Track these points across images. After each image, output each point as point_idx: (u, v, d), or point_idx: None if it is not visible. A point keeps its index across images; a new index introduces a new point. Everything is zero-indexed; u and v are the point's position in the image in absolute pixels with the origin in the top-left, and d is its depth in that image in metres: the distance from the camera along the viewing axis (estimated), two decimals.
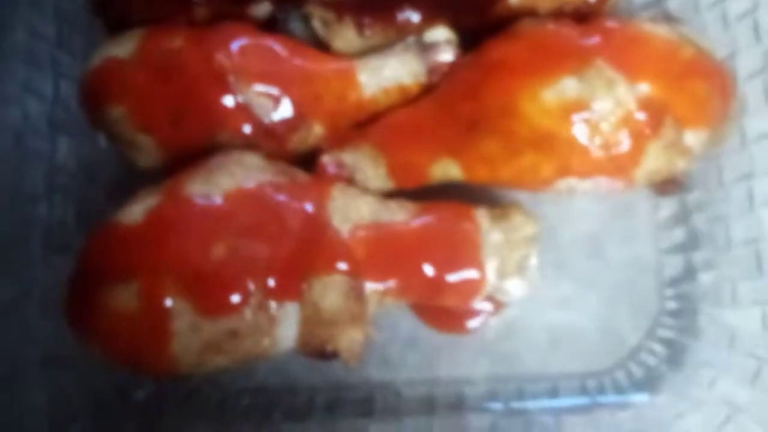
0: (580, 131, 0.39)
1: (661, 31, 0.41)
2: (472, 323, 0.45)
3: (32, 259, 0.44)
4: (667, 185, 0.43)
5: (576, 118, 0.39)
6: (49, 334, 0.43)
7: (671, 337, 0.46)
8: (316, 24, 0.47)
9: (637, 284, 0.47)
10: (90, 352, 0.40)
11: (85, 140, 0.48)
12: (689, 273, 0.46)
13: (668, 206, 0.47)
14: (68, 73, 0.47)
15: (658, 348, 0.46)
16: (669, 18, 0.44)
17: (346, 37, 0.47)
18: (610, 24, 0.41)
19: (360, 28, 0.46)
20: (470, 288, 0.41)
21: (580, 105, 0.38)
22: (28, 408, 0.42)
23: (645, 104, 0.38)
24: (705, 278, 0.45)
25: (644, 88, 0.39)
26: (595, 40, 0.40)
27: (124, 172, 0.49)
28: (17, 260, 0.43)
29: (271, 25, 0.48)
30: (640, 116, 0.38)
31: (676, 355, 0.45)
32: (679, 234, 0.47)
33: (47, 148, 0.46)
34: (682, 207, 0.47)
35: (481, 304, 0.44)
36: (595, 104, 0.38)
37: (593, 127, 0.39)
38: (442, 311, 0.45)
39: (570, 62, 0.39)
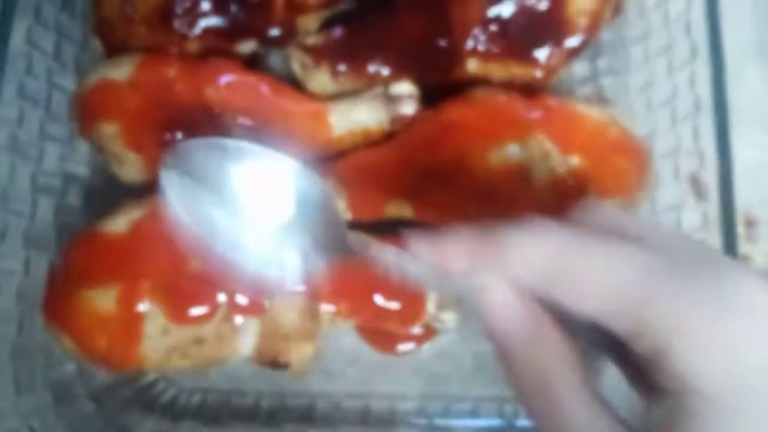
0: (517, 191, 0.45)
1: (593, 112, 0.47)
2: (408, 346, 0.51)
3: (11, 254, 0.48)
4: None
5: (515, 180, 0.45)
6: (19, 325, 0.47)
7: None
8: (295, 66, 0.53)
9: None
10: (61, 346, 0.44)
11: (70, 147, 0.52)
12: None
13: None
14: (61, 84, 0.51)
15: None
16: (601, 99, 0.51)
17: (320, 80, 0.52)
18: (552, 101, 0.48)
19: (334, 74, 0.52)
20: (411, 316, 0.47)
21: (520, 169, 0.45)
22: None
23: (574, 174, 0.45)
24: None
25: (575, 160, 0.45)
26: (537, 114, 0.46)
27: (102, 179, 0.54)
28: None
29: (253, 60, 0.53)
30: (569, 184, 0.45)
31: None
32: None
33: (36, 152, 0.49)
34: None
35: (417, 330, 0.50)
36: (533, 170, 0.45)
37: (529, 189, 0.45)
38: (383, 333, 0.50)
39: (515, 131, 0.45)
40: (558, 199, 0.45)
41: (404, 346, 0.51)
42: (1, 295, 0.46)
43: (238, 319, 0.43)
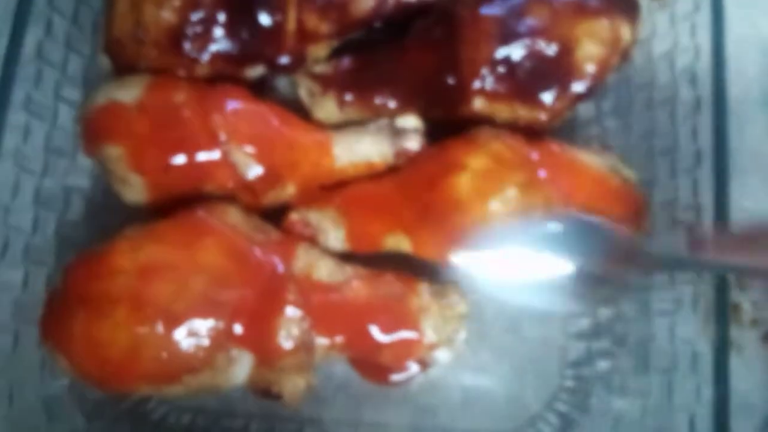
0: None
1: (594, 160, 0.48)
2: (399, 378, 0.51)
3: (10, 267, 0.48)
4: None
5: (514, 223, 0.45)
6: (15, 338, 0.47)
7: (566, 411, 0.53)
8: (303, 92, 0.53)
9: (544, 361, 0.54)
10: (57, 364, 0.45)
11: (72, 162, 0.53)
12: (589, 358, 0.53)
13: None
14: (67, 97, 0.52)
15: (554, 419, 0.53)
16: (603, 145, 0.52)
17: (327, 108, 0.53)
18: (554, 148, 0.48)
19: (341, 103, 0.52)
20: (406, 352, 0.47)
21: (519, 214, 0.45)
22: None
23: None
24: (601, 365, 0.53)
25: (575, 208, 0.46)
26: (539, 160, 0.47)
27: (104, 192, 0.54)
28: None
29: (261, 84, 0.53)
30: None
31: (567, 427, 0.53)
32: (584, 323, 0.54)
33: (40, 166, 0.50)
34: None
35: (410, 364, 0.50)
36: (532, 216, 0.45)
37: None
38: (375, 365, 0.51)
39: (516, 176, 0.46)
40: None
41: (397, 377, 0.51)
42: None
43: (234, 350, 0.44)
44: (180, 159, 0.47)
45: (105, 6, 0.51)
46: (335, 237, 0.50)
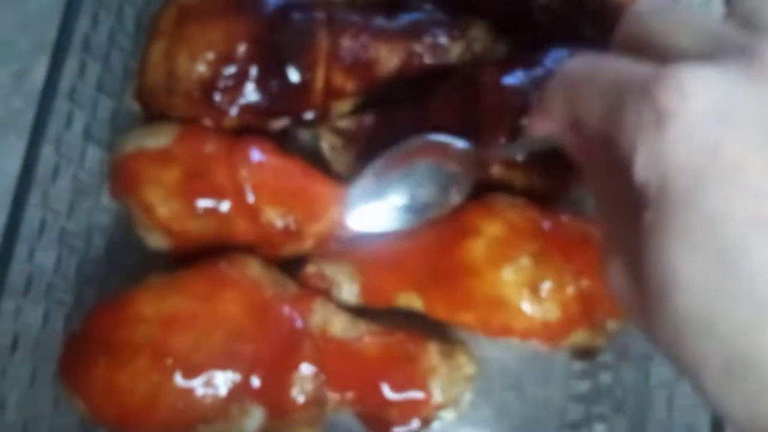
0: (526, 303, 0.47)
1: None
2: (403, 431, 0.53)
3: (32, 307, 0.49)
4: (583, 354, 0.52)
5: (525, 292, 0.47)
6: (32, 376, 0.49)
7: None
8: (324, 145, 0.54)
9: (543, 421, 0.55)
10: (72, 404, 0.46)
11: (96, 201, 0.54)
12: (587, 421, 0.55)
13: (580, 363, 0.56)
14: (96, 137, 0.53)
15: None
16: None
17: (347, 163, 0.54)
18: (565, 218, 0.49)
19: (360, 159, 0.54)
20: (413, 410, 0.49)
21: (531, 283, 0.47)
22: None
23: (583, 295, 0.47)
24: (598, 429, 0.54)
25: (585, 282, 0.47)
26: (553, 231, 0.48)
27: (125, 229, 0.55)
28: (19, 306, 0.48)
29: (283, 134, 0.55)
30: (577, 304, 0.47)
31: None
32: (585, 387, 0.56)
33: (66, 206, 0.51)
34: (590, 366, 0.55)
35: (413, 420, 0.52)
36: (543, 285, 0.47)
37: (537, 303, 0.47)
38: (380, 418, 0.52)
39: (529, 246, 0.48)
40: (566, 315, 0.47)
41: (399, 430, 0.52)
42: (18, 348, 0.47)
43: (248, 402, 0.45)
44: (205, 210, 0.48)
45: (139, 54, 0.52)
46: (349, 291, 0.51)
